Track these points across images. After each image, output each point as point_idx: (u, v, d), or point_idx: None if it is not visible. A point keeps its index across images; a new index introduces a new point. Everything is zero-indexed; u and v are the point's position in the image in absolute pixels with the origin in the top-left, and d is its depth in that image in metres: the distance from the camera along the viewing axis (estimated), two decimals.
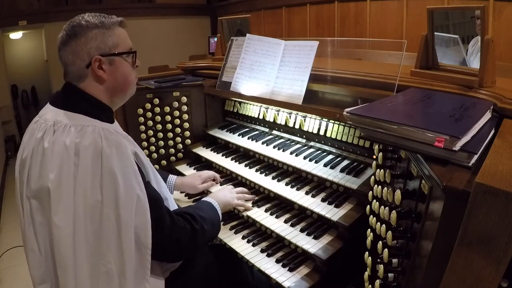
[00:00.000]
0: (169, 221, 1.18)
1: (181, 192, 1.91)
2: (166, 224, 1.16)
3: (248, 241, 1.56)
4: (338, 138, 1.68)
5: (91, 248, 1.02)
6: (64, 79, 1.19)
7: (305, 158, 1.70)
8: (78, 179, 1.02)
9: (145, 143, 2.16)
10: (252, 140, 1.97)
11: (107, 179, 1.03)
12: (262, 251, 1.50)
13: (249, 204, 1.67)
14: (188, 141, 2.21)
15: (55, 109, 1.14)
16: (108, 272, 1.03)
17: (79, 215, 1.01)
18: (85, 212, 1.02)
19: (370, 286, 1.14)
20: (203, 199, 1.54)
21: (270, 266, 1.41)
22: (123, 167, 1.05)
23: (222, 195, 1.59)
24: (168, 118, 2.16)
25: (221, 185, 1.86)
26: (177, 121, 2.18)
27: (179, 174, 2.08)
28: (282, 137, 1.94)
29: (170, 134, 2.19)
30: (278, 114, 1.95)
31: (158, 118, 2.15)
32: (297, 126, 1.86)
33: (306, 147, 1.81)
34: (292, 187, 1.63)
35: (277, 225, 1.52)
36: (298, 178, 1.70)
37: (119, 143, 1.07)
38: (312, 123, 1.79)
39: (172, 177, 1.79)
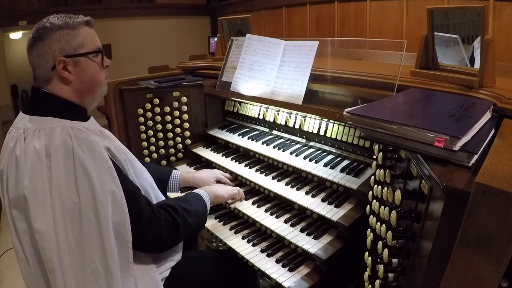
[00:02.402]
0: (149, 213, 1.17)
1: (181, 192, 1.90)
2: (145, 216, 1.16)
3: (248, 241, 1.56)
4: (338, 138, 1.68)
5: (74, 249, 1.02)
6: (34, 83, 1.18)
7: (305, 158, 1.70)
8: (53, 181, 1.02)
9: (145, 143, 2.16)
10: (252, 140, 1.97)
11: (81, 178, 1.02)
12: (262, 251, 1.50)
13: (242, 194, 1.68)
14: (188, 141, 2.21)
15: (26, 116, 1.13)
16: (94, 271, 1.03)
17: (58, 217, 1.01)
18: (63, 214, 1.01)
19: (370, 286, 1.14)
20: (193, 191, 1.53)
21: (270, 266, 1.41)
22: (96, 164, 1.05)
23: (214, 188, 1.59)
24: (168, 118, 2.16)
25: None
26: (177, 121, 2.18)
27: None
28: (282, 137, 1.94)
29: (170, 134, 2.19)
30: (278, 114, 1.95)
31: (158, 118, 2.15)
32: (297, 126, 1.86)
33: (306, 147, 1.81)
34: (292, 187, 1.63)
35: (277, 225, 1.52)
36: (298, 178, 1.70)
37: (89, 141, 1.06)
38: (312, 123, 1.79)
39: (176, 173, 1.72)
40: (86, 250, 1.03)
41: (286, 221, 1.53)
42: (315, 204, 1.49)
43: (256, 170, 1.81)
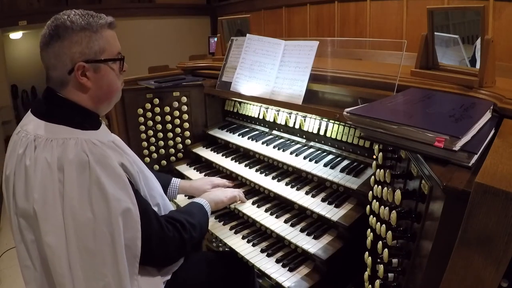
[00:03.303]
0: (158, 231, 1.16)
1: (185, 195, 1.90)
2: (154, 233, 1.15)
3: (248, 241, 1.56)
4: (338, 138, 1.68)
5: (87, 264, 1.01)
6: (46, 83, 1.11)
7: (305, 158, 1.70)
8: (66, 195, 0.99)
9: (145, 143, 2.16)
10: (252, 140, 1.97)
11: (96, 194, 1.00)
12: (262, 251, 1.50)
13: (242, 195, 1.68)
14: (188, 141, 2.21)
15: (36, 120, 1.08)
16: (106, 286, 1.02)
17: (70, 232, 0.99)
18: (76, 229, 0.99)
19: (370, 286, 1.14)
20: (195, 200, 1.53)
21: (270, 266, 1.41)
22: (113, 181, 1.02)
23: (213, 195, 1.59)
24: (168, 118, 2.16)
25: None
26: (177, 121, 2.18)
27: (179, 174, 2.08)
28: (282, 137, 1.94)
29: (170, 134, 2.19)
30: (278, 114, 1.95)
31: (158, 118, 2.15)
32: (297, 126, 1.86)
33: (306, 147, 1.81)
34: (292, 187, 1.63)
35: (277, 225, 1.52)
36: (298, 178, 1.70)
37: (104, 156, 1.03)
38: (312, 123, 1.79)
39: (175, 181, 1.72)
40: (99, 265, 1.01)
41: (286, 221, 1.53)
42: (315, 204, 1.49)
43: (256, 170, 1.81)
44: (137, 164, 1.17)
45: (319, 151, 1.75)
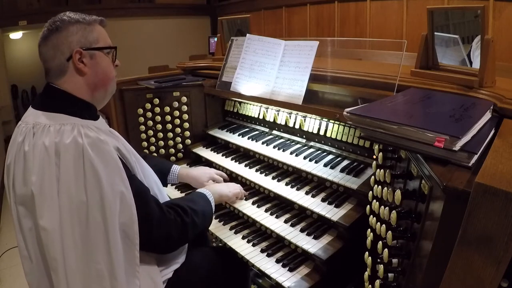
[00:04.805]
0: (158, 214, 1.17)
1: (175, 188, 1.92)
2: (155, 217, 1.16)
3: (248, 241, 1.56)
4: (338, 138, 1.68)
5: (80, 250, 1.01)
6: (45, 79, 1.17)
7: (305, 158, 1.70)
8: (61, 179, 1.01)
9: (145, 143, 2.16)
10: (252, 140, 1.97)
11: (90, 178, 1.01)
12: (262, 251, 1.50)
13: (243, 191, 1.71)
14: (188, 141, 2.21)
15: (36, 111, 1.12)
16: (98, 272, 1.02)
17: (65, 216, 1.00)
18: (71, 213, 1.01)
19: (370, 286, 1.14)
20: (197, 190, 1.54)
21: (270, 266, 1.41)
22: (106, 164, 1.04)
23: (218, 187, 1.61)
24: (168, 118, 2.16)
25: None
26: (177, 121, 2.18)
27: None
28: (282, 137, 1.94)
29: (170, 134, 2.19)
30: (278, 114, 1.95)
31: (158, 118, 2.15)
32: (297, 126, 1.86)
33: (306, 147, 1.81)
34: (292, 187, 1.63)
35: (277, 225, 1.52)
36: (298, 178, 1.70)
37: (100, 140, 1.05)
38: (312, 123, 1.79)
39: (176, 167, 1.76)
40: (92, 251, 1.02)
41: (286, 221, 1.53)
42: (315, 204, 1.49)
43: (256, 170, 1.81)
44: (134, 154, 1.20)
45: (319, 151, 1.75)
